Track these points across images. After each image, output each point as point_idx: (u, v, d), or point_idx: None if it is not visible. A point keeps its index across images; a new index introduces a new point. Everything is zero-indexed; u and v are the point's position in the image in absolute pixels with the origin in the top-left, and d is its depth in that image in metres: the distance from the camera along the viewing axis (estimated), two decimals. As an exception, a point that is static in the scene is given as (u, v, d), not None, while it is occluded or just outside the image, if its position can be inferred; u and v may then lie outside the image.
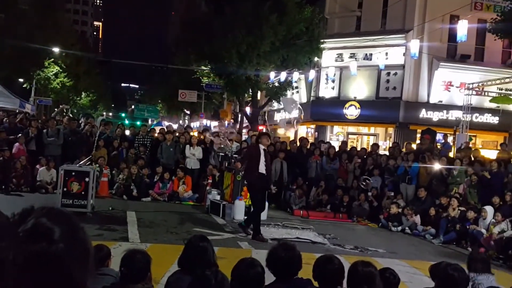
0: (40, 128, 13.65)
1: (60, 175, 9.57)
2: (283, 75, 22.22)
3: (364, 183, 11.81)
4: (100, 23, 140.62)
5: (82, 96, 52.53)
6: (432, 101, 22.28)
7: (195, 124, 40.09)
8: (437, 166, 12.77)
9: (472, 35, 19.78)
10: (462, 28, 12.75)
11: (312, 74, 21.94)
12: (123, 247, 6.36)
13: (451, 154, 15.53)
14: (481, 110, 21.28)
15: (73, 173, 9.51)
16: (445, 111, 22.01)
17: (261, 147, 9.27)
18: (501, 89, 20.04)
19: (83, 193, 9.43)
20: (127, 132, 16.13)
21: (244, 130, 27.30)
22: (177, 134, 15.16)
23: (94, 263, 1.13)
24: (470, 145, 16.19)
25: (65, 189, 9.37)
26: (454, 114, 21.11)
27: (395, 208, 12.15)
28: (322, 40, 22.73)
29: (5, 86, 19.67)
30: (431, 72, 22.21)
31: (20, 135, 13.03)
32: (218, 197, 11.74)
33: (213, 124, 38.24)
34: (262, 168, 9.05)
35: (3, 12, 17.81)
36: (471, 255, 4.82)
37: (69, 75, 40.80)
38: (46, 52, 32.75)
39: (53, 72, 37.54)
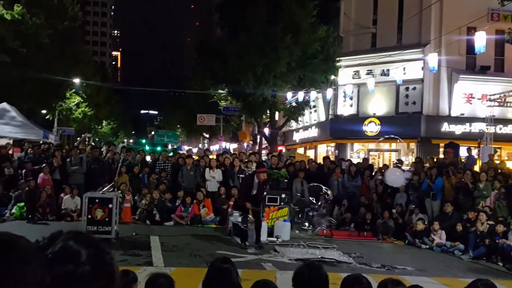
0: (63, 158, 13.89)
1: (84, 203, 9.68)
2: (300, 95, 22.25)
3: None
4: (118, 53, 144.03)
5: (103, 124, 53.59)
6: (453, 114, 21.97)
7: (214, 147, 40.29)
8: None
9: (491, 46, 19.55)
10: (480, 40, 12.62)
11: (329, 92, 21.92)
12: (148, 271, 6.33)
13: (476, 168, 15.20)
14: (505, 121, 20.87)
15: (97, 200, 9.62)
16: (467, 124, 21.65)
17: (256, 180, 10.22)
18: (524, 99, 19.64)
19: (107, 219, 9.50)
20: (148, 158, 16.28)
21: (264, 151, 27.31)
22: (196, 157, 15.26)
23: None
24: (496, 157, 15.83)
25: (89, 216, 9.46)
26: (477, 127, 20.73)
27: (421, 224, 11.88)
28: (338, 58, 22.76)
29: (28, 117, 20.12)
30: (451, 85, 21.96)
31: (44, 165, 13.27)
32: (240, 219, 11.65)
33: (232, 146, 38.42)
34: (252, 193, 10.28)
35: (24, 46, 18.42)
36: None
37: (90, 105, 41.73)
38: (67, 83, 33.56)
39: (75, 103, 38.45)
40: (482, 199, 12.07)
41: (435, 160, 15.35)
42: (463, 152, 16.98)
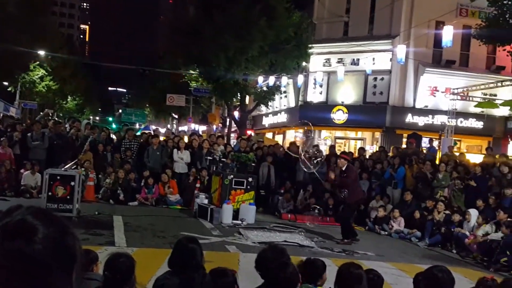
0: (24, 132, 13.44)
1: (44, 179, 9.44)
2: (271, 80, 22.26)
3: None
4: (87, 26, 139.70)
5: (68, 100, 52.06)
6: (418, 106, 22.50)
7: (183, 128, 39.96)
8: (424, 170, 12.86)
9: (458, 40, 20.03)
10: (448, 34, 12.91)
11: (300, 78, 22.00)
12: (109, 251, 6.30)
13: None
14: (466, 115, 21.53)
15: (58, 177, 9.40)
16: (430, 116, 22.23)
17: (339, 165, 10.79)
18: (486, 94, 20.32)
19: (68, 197, 9.31)
20: (114, 136, 16.01)
21: (233, 135, 27.29)
22: (164, 138, 15.11)
23: (82, 270, 1.07)
24: (455, 149, 16.37)
25: (50, 193, 9.25)
26: (440, 119, 21.32)
27: (382, 211, 12.23)
28: (310, 45, 22.82)
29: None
30: (417, 77, 22.42)
31: (3, 138, 12.81)
32: (206, 201, 11.70)
33: (202, 128, 38.20)
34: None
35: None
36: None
37: (55, 79, 40.42)
38: (32, 55, 32.39)
39: (39, 76, 37.16)
40: (441, 189, 12.50)
41: (399, 150, 15.73)
42: (425, 143, 17.50)
